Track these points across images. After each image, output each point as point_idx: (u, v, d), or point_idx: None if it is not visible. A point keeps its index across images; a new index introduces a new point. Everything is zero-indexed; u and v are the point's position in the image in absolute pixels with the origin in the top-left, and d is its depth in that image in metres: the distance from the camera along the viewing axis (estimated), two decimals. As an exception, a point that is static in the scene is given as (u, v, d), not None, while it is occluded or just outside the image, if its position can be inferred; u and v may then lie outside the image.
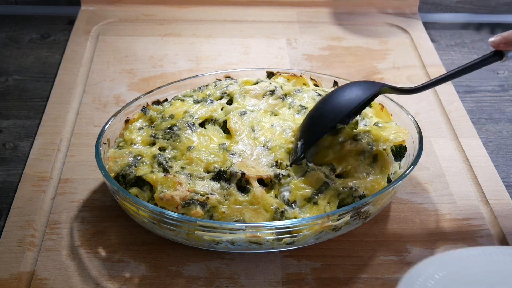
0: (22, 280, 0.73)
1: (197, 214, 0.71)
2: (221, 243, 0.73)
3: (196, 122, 0.82)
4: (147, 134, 0.82)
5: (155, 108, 0.87)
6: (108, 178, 0.75)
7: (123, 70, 1.10)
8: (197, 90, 0.90)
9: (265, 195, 0.74)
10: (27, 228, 0.79)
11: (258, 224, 0.71)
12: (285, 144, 0.80)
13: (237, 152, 0.78)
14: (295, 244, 0.74)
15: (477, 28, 1.28)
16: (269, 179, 0.76)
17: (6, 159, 0.91)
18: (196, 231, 0.71)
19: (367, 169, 0.77)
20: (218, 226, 0.70)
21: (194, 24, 1.24)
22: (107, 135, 0.82)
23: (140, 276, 0.74)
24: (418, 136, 0.81)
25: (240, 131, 0.81)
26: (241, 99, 0.86)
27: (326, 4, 1.31)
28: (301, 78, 0.94)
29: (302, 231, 0.72)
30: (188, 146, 0.79)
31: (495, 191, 0.87)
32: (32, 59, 1.14)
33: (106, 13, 1.25)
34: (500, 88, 1.11)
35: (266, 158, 0.78)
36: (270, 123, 0.83)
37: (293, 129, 0.82)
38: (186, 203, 0.72)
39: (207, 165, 0.76)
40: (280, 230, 0.71)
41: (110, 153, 0.80)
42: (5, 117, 1.00)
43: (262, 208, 0.73)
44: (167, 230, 0.73)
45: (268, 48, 1.17)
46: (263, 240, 0.72)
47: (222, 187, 0.74)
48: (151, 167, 0.77)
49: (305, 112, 0.85)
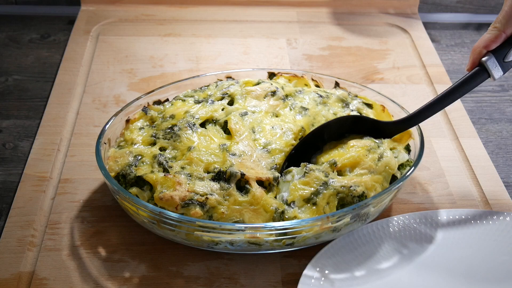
0: (22, 280, 0.73)
1: (197, 214, 0.71)
2: (220, 244, 0.73)
3: (197, 122, 0.82)
4: (148, 134, 0.82)
5: (156, 108, 0.87)
6: (108, 177, 0.75)
7: (123, 70, 1.10)
8: (198, 90, 0.90)
9: (265, 196, 0.74)
10: (27, 228, 0.78)
11: (257, 225, 0.71)
12: (285, 147, 0.80)
13: (237, 153, 0.78)
14: (294, 245, 0.74)
15: (477, 28, 1.28)
16: (268, 181, 0.76)
17: (6, 159, 0.91)
18: (196, 232, 0.71)
19: (370, 166, 0.77)
20: (217, 226, 0.70)
21: (194, 24, 1.24)
22: (107, 135, 0.82)
23: (140, 276, 0.74)
24: (419, 138, 0.81)
25: (240, 132, 0.81)
26: (242, 100, 0.86)
27: (326, 4, 1.31)
28: (303, 79, 0.93)
29: (302, 232, 0.71)
30: (188, 146, 0.79)
31: (495, 191, 0.87)
32: (32, 59, 1.14)
33: (106, 13, 1.25)
34: (500, 88, 1.11)
35: (266, 160, 0.78)
36: (270, 124, 0.83)
37: (294, 131, 0.82)
38: (186, 203, 0.72)
39: (207, 165, 0.76)
40: (279, 231, 0.71)
41: (110, 153, 0.80)
42: (5, 117, 1.00)
43: (262, 208, 0.73)
44: (167, 230, 0.73)
45: (268, 48, 1.17)
46: (262, 241, 0.72)
47: (221, 188, 0.74)
48: (151, 167, 0.77)
49: (306, 113, 0.85)
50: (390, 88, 1.07)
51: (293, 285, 0.73)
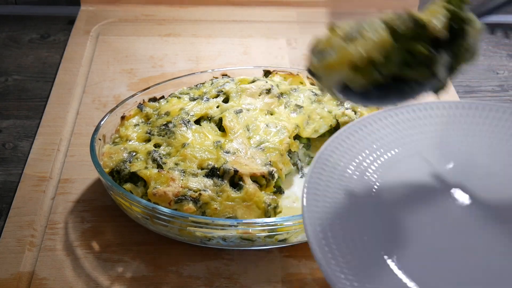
0: (22, 280, 0.73)
1: (190, 210, 0.72)
2: (213, 239, 0.73)
3: (192, 119, 0.83)
4: (143, 131, 0.83)
5: (151, 105, 0.88)
6: (102, 173, 0.75)
7: (123, 70, 1.10)
8: (193, 88, 0.91)
9: (258, 192, 0.74)
10: (26, 228, 0.79)
11: (249, 220, 0.71)
12: (279, 145, 0.80)
13: (231, 150, 0.78)
14: (287, 241, 0.74)
15: (477, 28, 1.28)
16: (262, 176, 0.76)
17: (6, 159, 0.91)
18: (188, 227, 0.71)
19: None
20: (210, 222, 0.70)
21: (194, 24, 1.24)
22: (102, 131, 0.83)
23: (140, 276, 0.74)
24: None
25: (235, 129, 0.81)
26: (237, 98, 0.86)
27: (326, 4, 1.31)
28: (298, 77, 0.94)
29: (293, 228, 0.72)
30: (182, 143, 0.79)
31: (495, 191, 0.87)
32: (32, 59, 1.14)
33: (106, 13, 1.25)
34: (500, 88, 1.11)
35: (260, 158, 0.78)
36: (265, 122, 0.83)
37: (288, 129, 0.82)
38: (179, 199, 0.72)
39: (200, 161, 0.77)
40: (271, 227, 0.71)
41: (105, 149, 0.81)
42: (5, 117, 1.00)
43: (255, 205, 0.73)
44: (160, 225, 0.73)
45: (268, 48, 1.17)
46: (255, 236, 0.72)
47: (215, 184, 0.74)
48: (146, 163, 0.78)
49: (301, 111, 0.85)
50: (390, 88, 1.07)
51: (293, 285, 0.73)
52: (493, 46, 1.23)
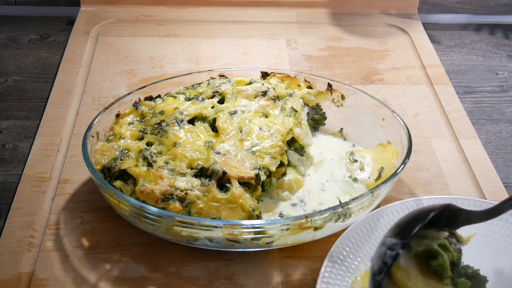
0: (22, 281, 0.73)
1: (175, 209, 0.72)
2: (199, 240, 0.73)
3: (185, 119, 0.82)
4: (137, 129, 0.83)
5: (147, 104, 0.87)
6: (92, 170, 0.75)
7: (122, 70, 1.10)
8: (190, 88, 0.91)
9: (244, 195, 0.74)
10: (26, 229, 0.79)
11: (235, 222, 0.71)
12: (271, 149, 0.79)
13: (222, 151, 0.78)
14: (274, 244, 0.74)
15: (477, 29, 1.28)
16: (250, 179, 0.75)
17: (6, 160, 0.91)
18: (175, 227, 0.71)
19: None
20: (196, 222, 0.70)
21: (193, 25, 1.24)
22: (96, 129, 0.83)
23: (139, 276, 0.74)
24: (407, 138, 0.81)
25: (228, 130, 0.81)
26: (233, 99, 0.86)
27: (326, 5, 1.31)
28: (295, 80, 0.93)
29: (277, 231, 0.72)
30: (174, 142, 0.79)
31: (495, 192, 0.87)
32: (32, 60, 1.14)
33: (105, 13, 1.26)
34: (500, 88, 1.11)
35: (250, 162, 0.78)
36: (259, 125, 0.82)
37: (282, 132, 0.82)
38: (166, 197, 0.73)
39: (190, 161, 0.77)
40: (256, 229, 0.71)
41: (98, 146, 0.81)
42: (4, 117, 1.00)
43: (240, 207, 0.73)
44: (148, 224, 0.74)
45: (268, 48, 1.17)
46: (241, 238, 0.72)
47: (202, 184, 0.74)
48: (136, 161, 0.78)
49: (295, 115, 0.85)
50: (389, 89, 1.07)
51: (293, 285, 0.73)
52: (493, 46, 1.23)
